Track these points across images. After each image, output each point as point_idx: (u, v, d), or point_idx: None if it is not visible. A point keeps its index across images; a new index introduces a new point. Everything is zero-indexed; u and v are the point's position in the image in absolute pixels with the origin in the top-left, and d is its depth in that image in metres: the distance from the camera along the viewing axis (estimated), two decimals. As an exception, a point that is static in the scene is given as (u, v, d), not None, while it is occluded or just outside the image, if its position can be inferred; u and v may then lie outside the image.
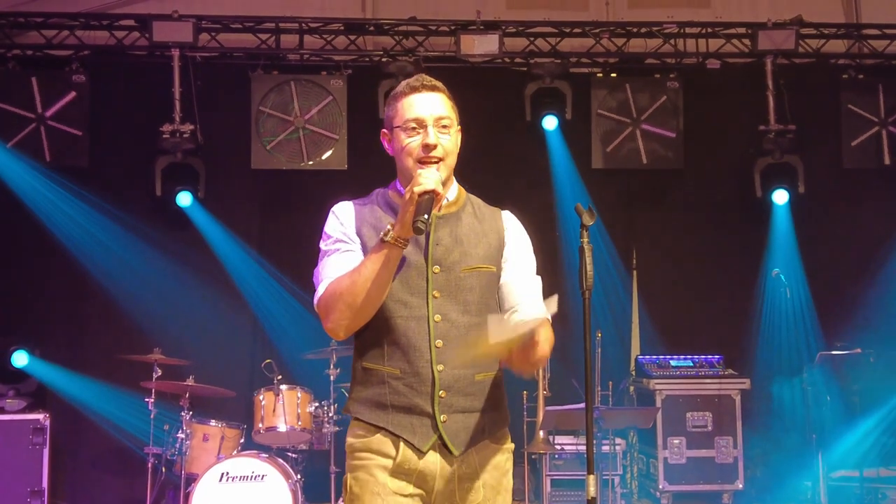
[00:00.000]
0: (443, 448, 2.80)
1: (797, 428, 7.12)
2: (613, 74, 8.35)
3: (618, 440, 7.09)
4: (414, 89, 2.87)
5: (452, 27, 7.95)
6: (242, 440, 6.63)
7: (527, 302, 2.91)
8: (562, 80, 8.08)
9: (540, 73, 8.07)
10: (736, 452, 7.24)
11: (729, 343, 7.84)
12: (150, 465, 6.56)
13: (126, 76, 8.06)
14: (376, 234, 2.77)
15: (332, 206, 2.95)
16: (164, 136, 7.70)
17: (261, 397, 6.51)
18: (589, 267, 3.43)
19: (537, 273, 3.03)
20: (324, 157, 7.91)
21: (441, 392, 2.79)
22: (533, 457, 7.12)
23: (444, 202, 2.90)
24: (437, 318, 2.81)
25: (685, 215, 8.27)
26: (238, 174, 8.04)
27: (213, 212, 7.81)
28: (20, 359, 7.30)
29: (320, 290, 2.81)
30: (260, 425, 6.48)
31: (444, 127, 2.85)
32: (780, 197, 7.96)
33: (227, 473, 6.17)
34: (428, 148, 2.81)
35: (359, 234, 2.87)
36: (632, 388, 7.67)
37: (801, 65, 8.32)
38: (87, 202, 7.65)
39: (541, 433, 6.59)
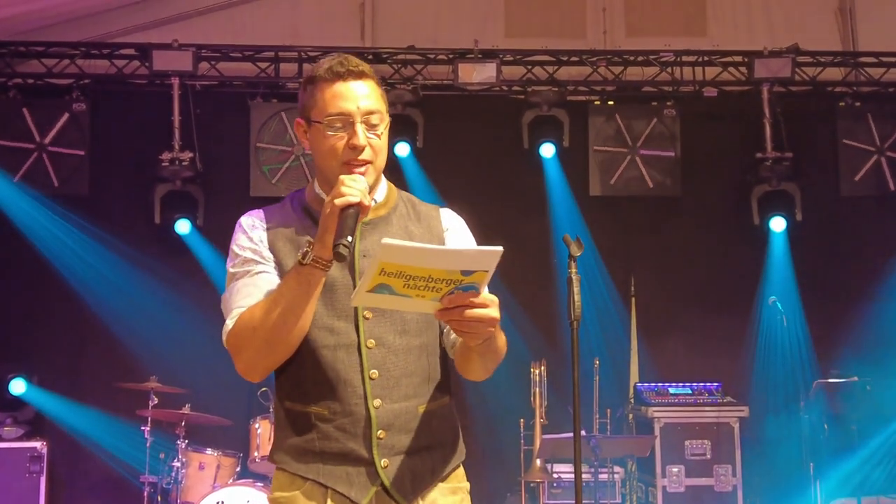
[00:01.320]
0: (386, 498, 2.39)
1: (794, 456, 7.09)
2: (611, 102, 8.38)
3: (616, 468, 7.07)
4: (337, 76, 2.40)
5: (450, 55, 7.99)
6: (238, 469, 6.61)
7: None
8: (559, 107, 8.11)
9: (537, 101, 8.10)
10: (735, 481, 7.20)
11: (727, 370, 7.82)
12: (145, 493, 6.56)
13: (126, 104, 8.11)
14: (293, 247, 2.38)
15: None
16: (164, 163, 7.73)
17: (257, 426, 6.51)
18: (577, 297, 3.46)
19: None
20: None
21: (380, 432, 2.37)
22: (531, 485, 7.09)
23: (372, 203, 2.47)
24: (371, 343, 2.39)
25: (683, 242, 8.28)
26: (237, 202, 8.03)
27: (211, 239, 7.81)
28: (18, 386, 7.31)
29: (229, 324, 2.37)
30: (255, 454, 6.47)
31: (374, 125, 2.42)
32: (778, 224, 7.96)
33: (223, 502, 6.15)
34: (356, 150, 2.38)
35: (272, 249, 2.44)
36: (630, 416, 7.65)
37: (798, 92, 8.34)
38: (85, 231, 7.67)
39: (538, 461, 6.58)
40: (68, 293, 7.59)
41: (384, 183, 2.55)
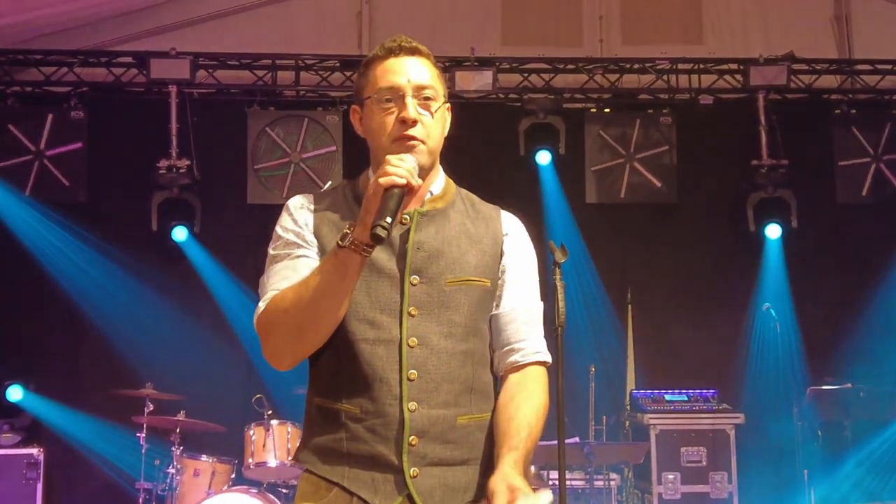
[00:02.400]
0: None
1: (788, 463, 7.09)
2: (607, 110, 8.41)
3: (612, 475, 7.06)
4: (390, 52, 2.31)
5: (447, 63, 8.02)
6: (233, 475, 6.62)
7: (529, 340, 2.38)
8: (555, 115, 8.14)
9: (534, 109, 8.13)
10: (731, 488, 7.19)
11: (723, 377, 7.82)
12: (140, 500, 6.56)
13: (123, 112, 8.13)
14: (339, 233, 2.17)
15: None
16: (161, 171, 7.76)
17: (251, 432, 6.51)
18: (561, 304, 3.46)
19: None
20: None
21: (412, 438, 2.20)
22: (526, 492, 7.09)
23: (428, 196, 2.35)
24: (413, 341, 2.23)
25: (678, 249, 8.29)
26: (234, 209, 8.09)
27: (208, 247, 7.86)
28: (15, 393, 7.33)
29: (261, 306, 2.25)
30: (250, 460, 6.47)
31: (427, 99, 2.29)
32: (773, 231, 7.97)
33: (217, 509, 6.17)
34: (405, 124, 2.25)
35: (317, 234, 2.30)
36: (626, 423, 7.65)
37: (794, 100, 8.36)
38: (82, 238, 7.70)
39: (532, 468, 6.58)
40: (65, 300, 7.61)
41: (441, 175, 2.41)
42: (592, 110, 8.40)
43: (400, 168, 2.10)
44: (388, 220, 2.04)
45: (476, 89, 8.01)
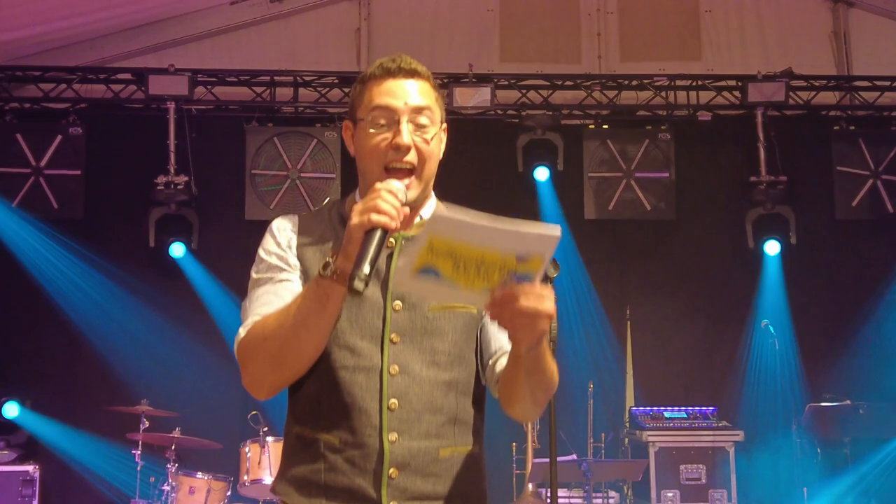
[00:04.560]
0: None
1: (787, 480, 7.05)
2: (605, 126, 8.42)
3: (611, 493, 7.03)
4: (388, 73, 2.22)
5: (445, 80, 8.03)
6: (229, 493, 6.61)
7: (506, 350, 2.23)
8: (554, 131, 8.14)
9: (532, 125, 8.14)
10: (730, 506, 7.16)
11: (722, 394, 7.80)
12: (135, 518, 6.55)
13: (122, 128, 8.16)
14: (323, 257, 2.10)
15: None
16: (159, 187, 7.77)
17: (246, 449, 6.49)
18: (553, 322, 3.44)
19: None
20: (317, 208, 7.96)
21: (392, 471, 2.12)
22: (523, 510, 7.06)
23: (417, 220, 2.28)
24: (394, 369, 2.15)
25: (677, 266, 8.27)
26: (232, 225, 8.08)
27: (206, 263, 7.85)
28: (11, 410, 7.32)
29: (241, 333, 2.18)
30: (245, 477, 6.45)
31: (423, 126, 2.20)
32: (772, 248, 7.95)
33: (213, 526, 6.15)
34: (399, 150, 2.16)
35: (300, 257, 2.24)
36: (625, 440, 7.62)
37: (792, 116, 8.36)
38: (79, 255, 7.69)
39: (530, 486, 6.56)
40: (61, 317, 7.60)
41: (433, 200, 2.33)
42: (591, 127, 8.41)
43: (386, 205, 1.98)
44: (367, 270, 1.92)
45: (474, 105, 8.02)
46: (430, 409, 2.17)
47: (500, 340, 2.26)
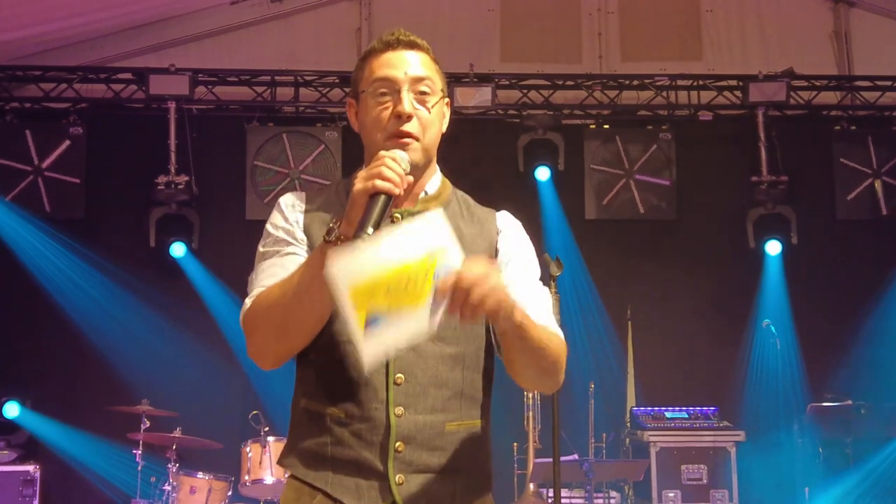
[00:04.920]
0: None
1: (789, 480, 7.05)
2: (606, 126, 8.41)
3: (613, 493, 7.02)
4: (388, 45, 2.26)
5: (446, 79, 8.01)
6: (230, 493, 6.60)
7: (532, 309, 2.19)
8: (554, 131, 8.14)
9: (533, 125, 8.13)
10: (731, 506, 7.15)
11: (723, 394, 7.78)
12: (136, 518, 6.54)
13: (123, 128, 8.15)
14: None
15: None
16: (160, 187, 7.77)
17: (247, 449, 6.48)
18: (556, 317, 3.44)
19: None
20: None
21: (398, 444, 2.14)
22: (524, 510, 7.05)
23: (422, 195, 2.29)
24: None
25: (678, 266, 8.26)
26: (232, 225, 8.08)
27: (206, 263, 7.85)
28: (11, 410, 7.31)
29: (247, 303, 2.19)
30: (246, 477, 6.45)
31: (424, 93, 2.23)
32: (773, 248, 7.95)
33: (213, 526, 6.14)
34: (400, 119, 2.18)
35: (307, 232, 2.25)
36: (626, 440, 7.61)
37: (793, 116, 8.36)
38: (79, 254, 7.69)
39: (531, 486, 6.55)
40: (62, 316, 7.59)
41: (438, 174, 2.34)
42: (591, 126, 8.40)
43: (390, 172, 2.01)
44: (370, 230, 1.94)
45: (475, 105, 8.01)
46: (436, 384, 2.18)
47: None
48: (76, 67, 8.07)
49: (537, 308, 2.24)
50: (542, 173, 8.04)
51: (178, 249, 7.74)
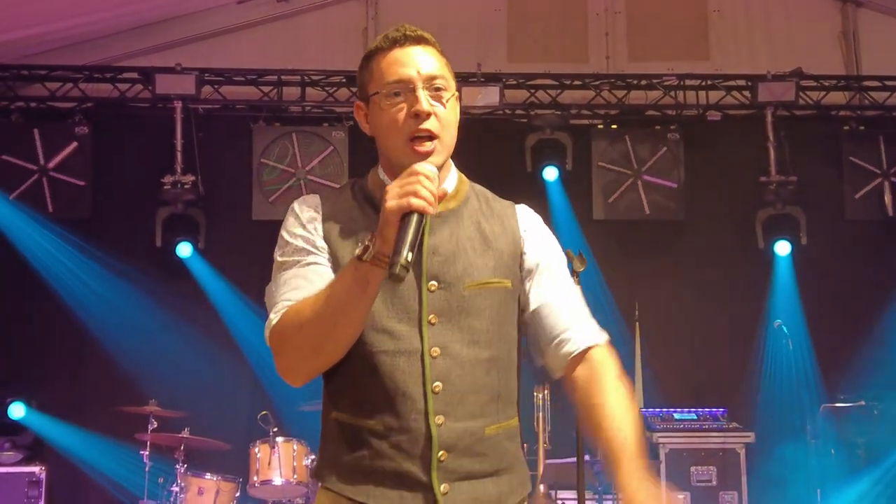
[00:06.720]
0: None
1: (801, 481, 7.00)
2: (614, 126, 8.38)
3: (621, 495, 6.96)
4: (394, 42, 2.19)
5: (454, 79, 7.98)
6: (238, 494, 6.55)
7: (577, 326, 2.26)
8: (562, 131, 8.11)
9: (540, 125, 8.11)
10: (741, 507, 7.12)
11: (733, 395, 7.74)
12: (144, 519, 6.49)
13: (128, 128, 8.11)
14: (351, 239, 2.13)
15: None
16: (166, 186, 7.73)
17: (256, 450, 6.44)
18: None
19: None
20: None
21: (441, 454, 2.09)
22: (535, 511, 7.01)
23: (436, 204, 2.19)
24: (435, 351, 2.11)
25: (687, 266, 8.23)
26: (239, 225, 8.05)
27: (213, 263, 7.82)
28: (17, 410, 7.25)
29: (273, 319, 2.12)
30: (255, 478, 6.41)
31: (439, 90, 2.17)
32: (783, 248, 7.92)
33: (222, 527, 6.10)
34: (419, 118, 2.11)
35: (327, 239, 2.18)
36: (635, 442, 7.55)
37: (802, 116, 8.33)
38: (86, 254, 7.65)
39: (541, 487, 6.51)
40: (68, 316, 7.55)
41: (454, 171, 2.28)
42: (599, 126, 8.37)
43: (425, 191, 1.95)
44: (409, 258, 1.89)
45: (482, 105, 7.99)
46: (474, 389, 2.14)
47: (551, 328, 2.25)
48: (82, 67, 8.03)
49: (585, 322, 2.29)
50: (550, 173, 8.01)
51: (184, 249, 7.71)
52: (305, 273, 2.14)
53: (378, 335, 2.11)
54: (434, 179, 2.00)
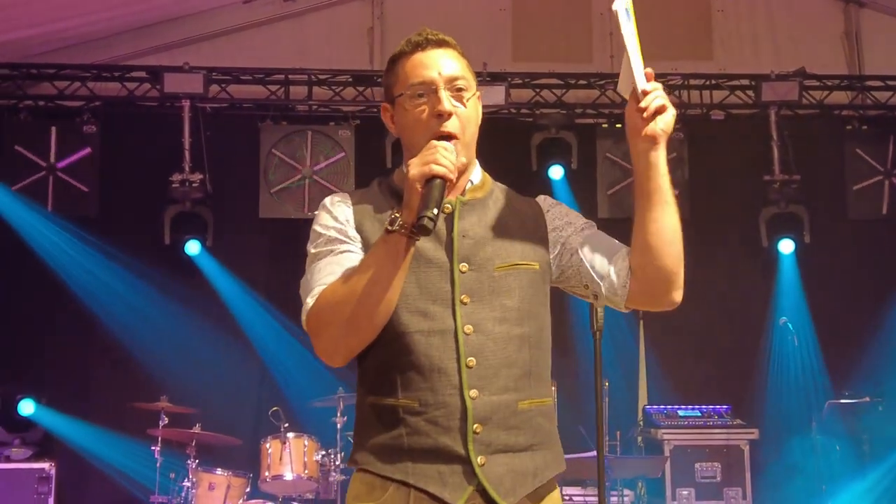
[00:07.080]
0: (481, 501, 2.16)
1: (807, 478, 7.05)
2: (619, 125, 8.42)
3: (626, 491, 7.01)
4: (417, 46, 2.30)
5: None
6: (248, 489, 6.58)
7: (619, 251, 2.43)
8: (567, 130, 8.16)
9: (546, 124, 8.16)
10: (745, 503, 7.16)
11: (737, 392, 7.79)
12: (155, 513, 6.53)
13: (137, 126, 8.14)
14: (381, 228, 2.15)
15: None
16: (174, 185, 7.77)
17: (267, 445, 6.48)
18: (600, 309, 3.45)
19: None
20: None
21: (476, 426, 2.15)
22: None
23: (468, 185, 2.34)
24: (468, 329, 2.18)
25: (691, 264, 8.12)
26: (246, 223, 8.10)
27: (221, 260, 7.86)
28: (27, 407, 7.28)
29: (309, 302, 2.19)
30: (266, 473, 6.45)
31: (460, 90, 2.28)
32: (786, 246, 7.98)
33: (233, 523, 6.13)
34: (441, 118, 2.22)
35: (359, 229, 2.27)
36: (639, 438, 7.61)
37: (805, 115, 8.39)
38: (96, 249, 7.69)
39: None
40: (78, 313, 7.59)
41: (478, 167, 2.39)
42: (604, 125, 8.42)
43: (443, 157, 2.08)
44: (435, 211, 2.02)
45: (488, 104, 8.03)
46: (506, 364, 2.21)
47: (602, 256, 2.40)
48: (90, 66, 8.06)
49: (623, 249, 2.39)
50: (556, 172, 8.06)
51: (192, 247, 7.74)
52: (339, 259, 2.22)
53: (412, 316, 2.19)
54: (452, 152, 2.13)
